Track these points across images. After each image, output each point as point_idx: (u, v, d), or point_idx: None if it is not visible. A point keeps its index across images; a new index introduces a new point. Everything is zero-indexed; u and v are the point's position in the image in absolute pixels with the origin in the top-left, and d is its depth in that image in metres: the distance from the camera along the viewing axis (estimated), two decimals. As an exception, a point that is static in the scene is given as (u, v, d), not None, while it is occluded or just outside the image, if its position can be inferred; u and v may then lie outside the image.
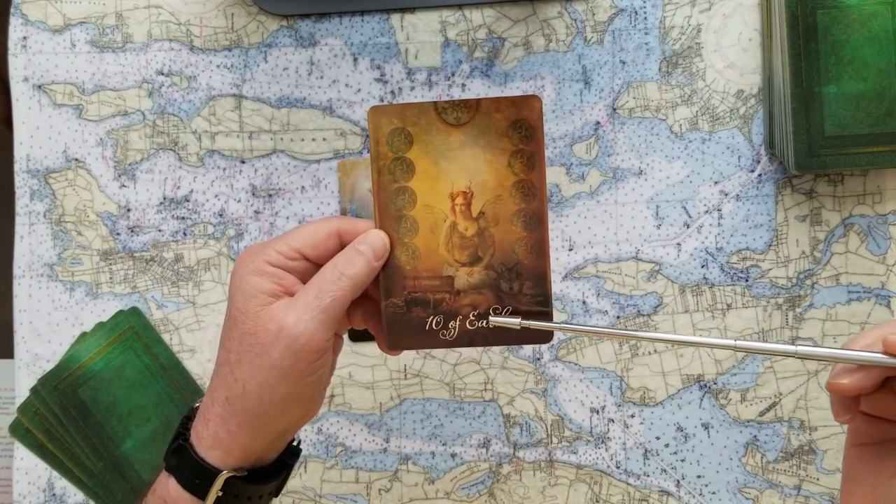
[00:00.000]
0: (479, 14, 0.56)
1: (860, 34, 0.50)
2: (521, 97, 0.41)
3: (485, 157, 0.41)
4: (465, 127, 0.41)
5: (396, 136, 0.41)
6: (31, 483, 0.57)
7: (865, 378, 0.38)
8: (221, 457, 0.40)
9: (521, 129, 0.41)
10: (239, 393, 0.39)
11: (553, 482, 0.56)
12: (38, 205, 0.57)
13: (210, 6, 0.57)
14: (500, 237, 0.42)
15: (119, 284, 0.57)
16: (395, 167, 0.42)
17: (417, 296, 0.42)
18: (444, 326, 0.42)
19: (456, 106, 0.41)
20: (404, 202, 0.42)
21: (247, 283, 0.40)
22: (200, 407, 0.41)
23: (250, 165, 0.57)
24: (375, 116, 0.41)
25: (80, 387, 0.55)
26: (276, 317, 0.39)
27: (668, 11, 0.55)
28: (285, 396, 0.39)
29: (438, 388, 0.56)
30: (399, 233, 0.42)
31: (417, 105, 0.41)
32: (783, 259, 0.55)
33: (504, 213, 0.41)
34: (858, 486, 0.41)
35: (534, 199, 0.41)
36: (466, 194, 0.41)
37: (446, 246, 0.42)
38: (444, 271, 0.42)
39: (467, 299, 0.42)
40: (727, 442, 0.55)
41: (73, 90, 0.57)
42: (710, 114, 0.55)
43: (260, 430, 0.40)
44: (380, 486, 0.57)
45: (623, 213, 0.56)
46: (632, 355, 0.56)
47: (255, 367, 0.39)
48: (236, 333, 0.39)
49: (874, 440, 0.41)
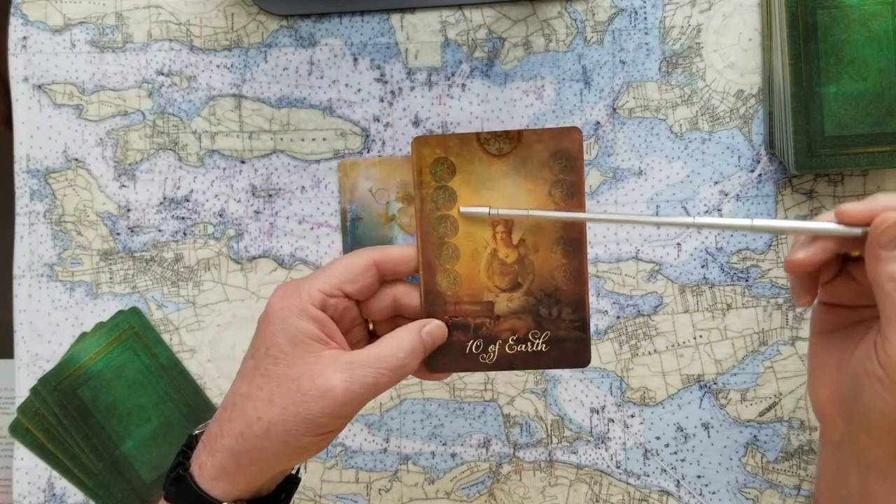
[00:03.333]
0: (479, 14, 0.56)
1: (860, 34, 0.50)
2: (562, 129, 0.42)
3: (526, 187, 0.42)
4: (507, 157, 0.42)
5: (439, 166, 0.42)
6: (31, 483, 0.57)
7: (820, 251, 0.39)
8: (224, 489, 0.39)
9: (561, 159, 0.42)
10: (260, 432, 0.39)
11: (553, 482, 0.56)
12: (38, 205, 0.57)
13: (210, 6, 0.57)
14: (540, 264, 0.43)
15: (119, 284, 0.57)
16: (437, 196, 0.43)
17: (458, 320, 0.43)
18: (483, 350, 0.43)
19: (498, 137, 0.42)
20: (446, 230, 0.43)
21: (291, 324, 0.39)
22: (205, 436, 0.41)
23: (250, 165, 0.57)
24: (419, 146, 0.42)
25: (80, 387, 0.55)
26: (326, 374, 0.38)
27: (668, 11, 0.55)
28: (307, 444, 0.39)
29: (438, 388, 0.56)
30: (441, 259, 0.43)
31: (460, 136, 0.42)
32: (783, 259, 0.55)
33: (544, 241, 0.42)
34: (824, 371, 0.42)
35: (574, 228, 0.43)
36: (507, 222, 0.42)
37: (487, 272, 0.43)
38: (485, 297, 0.43)
39: (507, 324, 0.43)
40: (727, 442, 0.55)
41: (73, 90, 0.57)
42: (710, 114, 0.55)
43: (271, 467, 0.40)
44: (380, 486, 0.57)
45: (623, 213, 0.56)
46: (632, 355, 0.56)
47: (289, 413, 0.38)
48: (274, 374, 0.39)
49: (836, 327, 0.43)
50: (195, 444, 0.41)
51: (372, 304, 0.43)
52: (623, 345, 0.56)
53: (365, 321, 0.44)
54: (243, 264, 0.57)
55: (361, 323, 0.44)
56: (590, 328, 0.43)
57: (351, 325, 0.43)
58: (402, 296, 0.43)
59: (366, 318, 0.44)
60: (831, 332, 0.43)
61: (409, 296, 0.43)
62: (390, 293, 0.43)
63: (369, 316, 0.43)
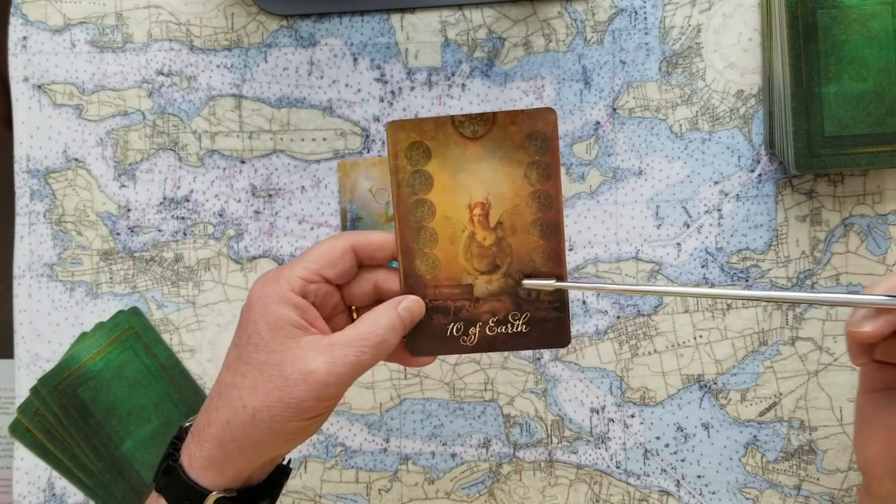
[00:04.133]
0: (479, 14, 0.56)
1: (860, 34, 0.50)
2: (536, 110, 0.42)
3: (502, 169, 0.42)
4: (482, 140, 0.42)
5: (415, 150, 0.42)
6: (31, 483, 0.57)
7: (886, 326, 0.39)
8: (213, 478, 0.39)
9: (536, 140, 0.42)
10: (245, 420, 0.39)
11: (553, 482, 0.56)
12: (38, 205, 0.57)
13: (210, 6, 0.57)
14: (518, 246, 0.43)
15: (119, 284, 0.57)
16: (413, 180, 0.42)
17: (438, 303, 0.43)
18: (464, 333, 0.43)
19: (473, 119, 0.42)
20: (423, 214, 0.43)
21: (271, 312, 0.39)
22: (194, 427, 0.41)
23: (250, 165, 0.57)
24: (394, 131, 0.42)
25: (80, 387, 0.55)
26: (307, 358, 0.39)
27: (668, 11, 0.55)
28: (293, 429, 0.39)
29: (438, 388, 0.56)
30: (419, 243, 0.43)
31: (435, 119, 0.42)
32: (783, 259, 0.55)
33: (521, 223, 0.42)
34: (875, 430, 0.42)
35: (550, 209, 0.42)
36: (484, 205, 0.42)
37: (465, 255, 0.43)
38: (464, 280, 0.43)
39: (486, 306, 0.43)
40: (727, 442, 0.55)
41: (73, 90, 0.57)
42: (710, 114, 0.55)
43: (258, 455, 0.40)
44: (380, 486, 0.57)
45: (623, 213, 0.56)
46: (632, 355, 0.56)
47: (273, 399, 0.38)
48: (256, 361, 0.39)
49: (887, 385, 0.43)
50: (185, 436, 0.42)
51: (353, 290, 0.43)
52: (623, 345, 0.56)
53: (348, 308, 0.44)
54: (243, 264, 0.57)
55: (344, 310, 0.44)
56: (569, 308, 0.43)
57: (333, 311, 0.43)
58: (382, 281, 0.43)
59: (348, 304, 0.44)
60: (882, 389, 0.43)
61: (390, 281, 0.43)
62: (371, 278, 0.43)
63: (351, 301, 0.44)
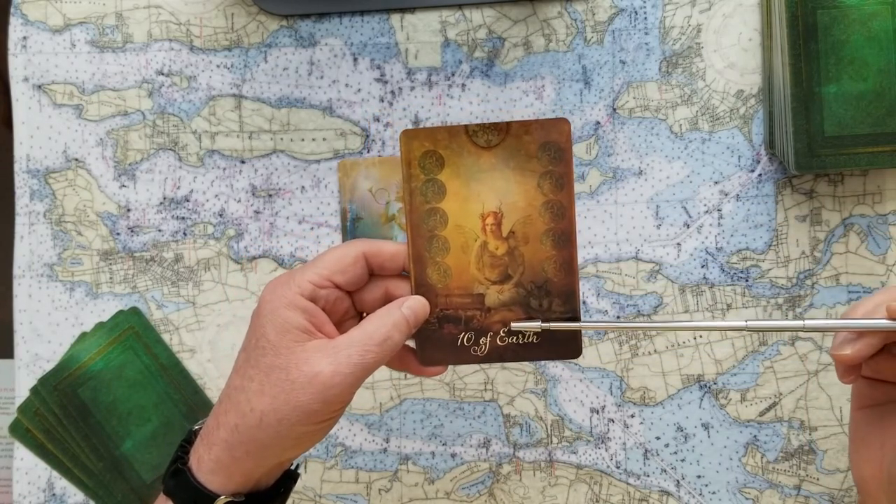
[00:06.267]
0: (479, 14, 0.56)
1: (860, 34, 0.50)
2: (550, 120, 0.42)
3: (515, 179, 0.42)
4: (496, 149, 0.42)
5: (428, 159, 0.42)
6: (31, 483, 0.57)
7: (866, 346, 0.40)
8: (221, 482, 0.40)
9: (550, 150, 0.42)
10: (253, 423, 0.39)
11: (553, 482, 0.56)
12: (38, 205, 0.57)
13: (210, 6, 0.57)
14: (530, 256, 0.43)
15: (119, 284, 0.57)
16: (426, 189, 0.42)
17: (449, 313, 0.43)
18: (475, 342, 0.43)
19: (487, 129, 0.42)
20: (436, 223, 0.43)
21: (279, 315, 0.39)
22: (203, 430, 0.41)
23: (250, 165, 0.57)
24: (408, 139, 0.42)
25: (80, 387, 0.55)
26: (312, 361, 0.39)
27: (668, 11, 0.55)
28: (301, 434, 0.39)
29: (438, 388, 0.56)
30: (431, 252, 0.43)
31: (448, 128, 0.42)
32: (783, 259, 0.55)
33: (533, 233, 0.42)
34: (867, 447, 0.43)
35: (563, 219, 0.42)
36: (497, 214, 0.42)
37: (477, 264, 0.43)
38: (475, 289, 0.43)
39: (498, 316, 0.43)
40: (727, 442, 0.55)
41: (73, 90, 0.57)
42: (710, 114, 0.55)
43: (266, 459, 0.40)
44: (380, 486, 0.57)
45: (623, 213, 0.56)
46: (632, 355, 0.56)
47: (279, 402, 0.38)
48: (263, 365, 0.39)
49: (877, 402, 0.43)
50: (194, 438, 0.42)
51: (364, 296, 0.43)
52: (623, 345, 0.56)
53: (359, 314, 0.44)
54: (243, 264, 0.57)
55: (355, 315, 0.44)
56: (581, 320, 0.43)
57: (344, 316, 0.43)
58: (394, 288, 0.43)
59: (359, 310, 0.44)
60: (873, 406, 0.43)
61: (401, 288, 0.43)
62: (382, 285, 0.43)
63: (362, 308, 0.44)
